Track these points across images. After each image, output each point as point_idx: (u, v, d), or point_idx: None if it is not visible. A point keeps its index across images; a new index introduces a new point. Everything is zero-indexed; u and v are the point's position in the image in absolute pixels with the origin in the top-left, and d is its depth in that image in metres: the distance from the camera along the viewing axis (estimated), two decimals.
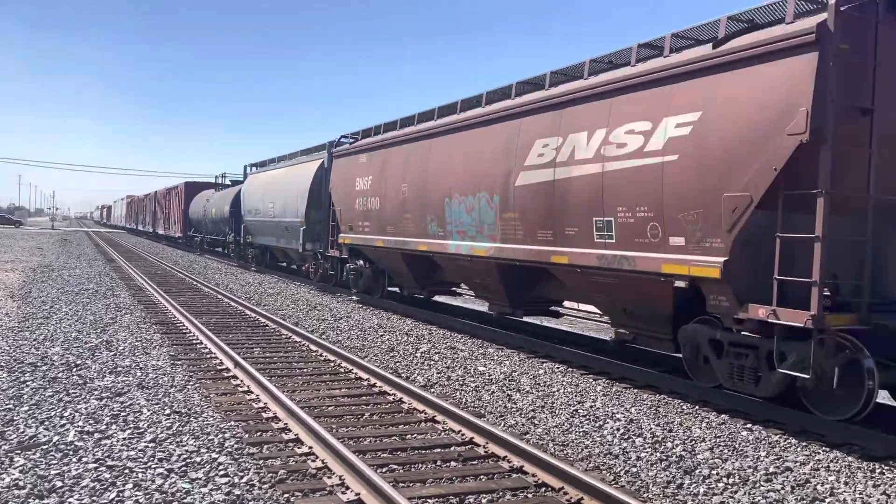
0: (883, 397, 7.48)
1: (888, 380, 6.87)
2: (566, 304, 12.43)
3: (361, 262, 16.77)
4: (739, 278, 7.19)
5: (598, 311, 11.36)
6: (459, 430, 6.42)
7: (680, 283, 7.74)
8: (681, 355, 8.41)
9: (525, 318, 12.65)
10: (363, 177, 15.59)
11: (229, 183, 34.81)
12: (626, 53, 9.01)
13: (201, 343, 10.54)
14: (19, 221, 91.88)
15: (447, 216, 12.19)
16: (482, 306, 14.17)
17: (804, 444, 6.62)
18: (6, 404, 6.69)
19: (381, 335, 11.97)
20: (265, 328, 12.33)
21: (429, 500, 4.89)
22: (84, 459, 5.33)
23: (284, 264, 24.97)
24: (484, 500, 4.97)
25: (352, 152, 16.62)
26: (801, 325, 6.57)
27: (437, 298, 16.50)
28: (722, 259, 7.19)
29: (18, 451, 5.43)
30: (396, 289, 16.10)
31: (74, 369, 8.33)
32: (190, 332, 11.44)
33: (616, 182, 8.49)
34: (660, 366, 9.46)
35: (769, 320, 6.88)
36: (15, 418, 6.27)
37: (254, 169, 28.32)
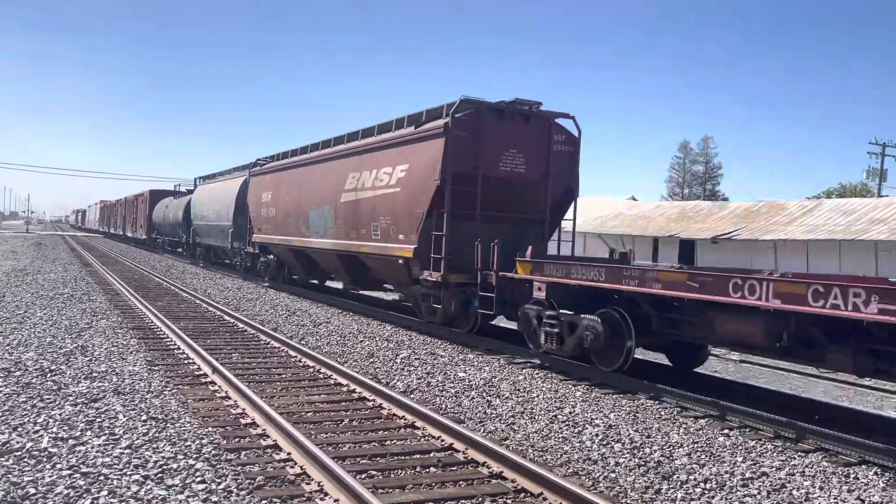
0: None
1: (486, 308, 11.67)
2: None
3: (271, 255, 21.77)
4: (422, 256, 12.62)
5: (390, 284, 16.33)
6: (439, 436, 6.41)
7: (401, 261, 13.22)
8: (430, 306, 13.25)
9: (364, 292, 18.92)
10: (267, 191, 21.01)
11: (185, 191, 38.79)
12: (391, 124, 14.61)
13: (179, 348, 10.43)
14: None
15: (310, 221, 17.51)
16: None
17: (780, 449, 6.69)
18: None
19: (361, 341, 11.93)
20: (244, 333, 12.24)
21: None
22: (58, 466, 5.24)
23: (228, 261, 28.66)
24: None
25: (261, 172, 21.94)
26: (438, 280, 12.30)
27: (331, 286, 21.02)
28: (413, 246, 12.75)
29: None
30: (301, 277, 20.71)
31: (49, 375, 8.20)
32: (167, 338, 11.32)
33: (380, 203, 14.09)
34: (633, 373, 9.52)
35: (430, 278, 12.48)
36: None
37: (202, 181, 33.11)
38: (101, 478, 5.06)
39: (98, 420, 6.47)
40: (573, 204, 13.60)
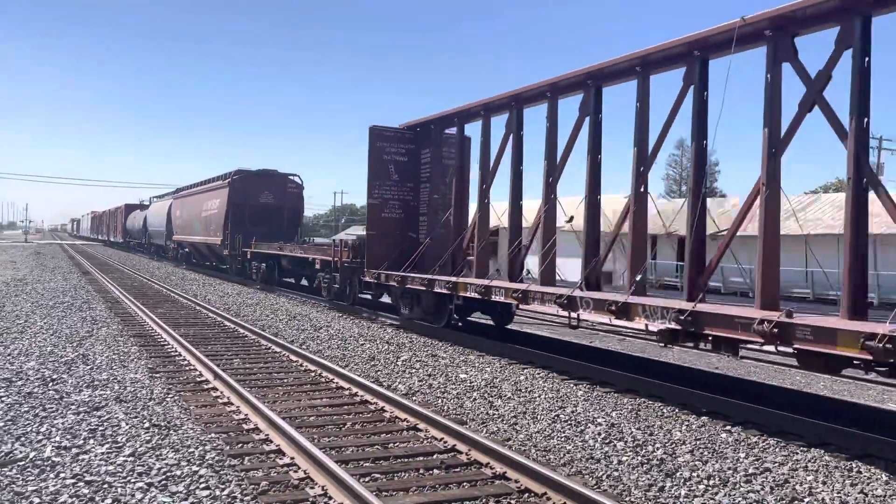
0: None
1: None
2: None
3: (186, 248, 34.85)
4: (224, 244, 26.73)
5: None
6: (442, 438, 6.42)
7: (218, 245, 27.61)
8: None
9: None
10: (179, 209, 35.01)
11: (147, 204, 52.66)
12: (220, 176, 28.63)
13: (180, 355, 10.43)
14: None
15: (194, 227, 31.37)
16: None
17: (783, 444, 6.70)
18: None
19: (362, 344, 11.94)
20: (244, 339, 12.24)
21: None
22: (62, 475, 5.25)
23: (165, 254, 40.94)
24: None
25: (177, 197, 36.68)
26: (227, 254, 26.96)
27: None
28: (220, 238, 27.07)
29: None
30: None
31: (50, 384, 8.21)
32: (168, 345, 11.32)
33: (212, 218, 28.34)
34: (639, 370, 9.53)
35: (225, 253, 26.98)
36: None
37: (155, 199, 49.62)
38: (105, 486, 5.07)
39: (101, 428, 6.48)
40: (301, 219, 28.92)
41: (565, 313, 9.65)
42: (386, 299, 16.00)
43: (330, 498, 5.00)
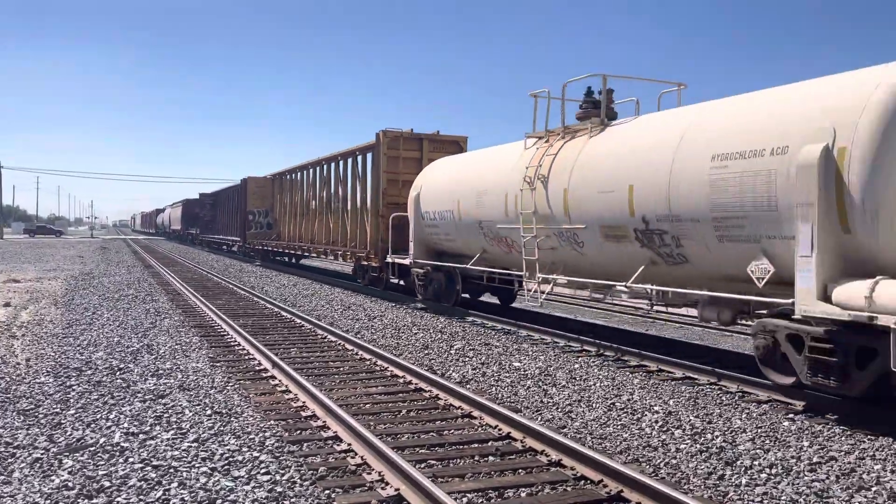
0: None
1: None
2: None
3: (175, 234, 69.47)
4: (182, 229, 66.26)
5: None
6: (496, 426, 6.43)
7: (178, 230, 70.08)
8: None
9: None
10: (171, 213, 73.09)
11: (166, 208, 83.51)
12: (181, 201, 67.68)
13: (239, 345, 10.69)
14: (60, 231, 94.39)
15: (174, 222, 69.82)
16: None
17: (849, 433, 6.50)
18: (54, 408, 6.88)
19: (415, 333, 12.03)
20: (301, 329, 12.46)
21: (468, 495, 4.90)
22: (130, 460, 5.45)
23: (174, 239, 68.94)
24: (523, 494, 4.97)
25: (172, 207, 73.37)
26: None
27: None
28: (180, 228, 67.08)
29: (67, 454, 5.57)
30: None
31: (118, 373, 8.52)
32: (228, 335, 11.61)
33: (178, 219, 67.09)
34: (696, 357, 9.38)
35: (181, 234, 68.98)
36: (62, 421, 6.44)
37: (168, 206, 78.78)
38: (172, 470, 5.24)
39: (166, 415, 6.69)
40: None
41: None
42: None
43: (387, 483, 5.06)
